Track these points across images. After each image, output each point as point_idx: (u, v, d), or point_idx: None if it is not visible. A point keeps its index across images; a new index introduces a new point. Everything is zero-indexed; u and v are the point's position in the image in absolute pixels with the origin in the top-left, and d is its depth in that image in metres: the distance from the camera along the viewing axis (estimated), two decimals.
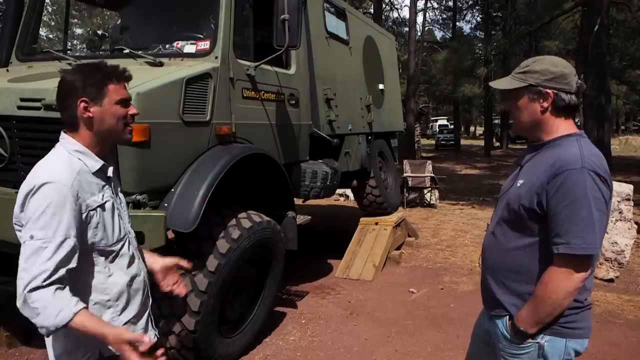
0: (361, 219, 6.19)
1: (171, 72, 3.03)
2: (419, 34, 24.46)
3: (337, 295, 4.81)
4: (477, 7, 28.69)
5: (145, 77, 2.88)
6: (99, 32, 4.28)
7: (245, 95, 3.57)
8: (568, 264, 1.48)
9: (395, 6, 31.63)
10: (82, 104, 1.52)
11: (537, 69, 1.61)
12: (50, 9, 22.07)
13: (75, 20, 22.83)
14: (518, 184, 1.63)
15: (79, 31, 23.33)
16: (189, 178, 3.01)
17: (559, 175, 1.48)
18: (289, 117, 4.17)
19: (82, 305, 1.39)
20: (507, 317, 1.65)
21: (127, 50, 3.38)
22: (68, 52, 4.17)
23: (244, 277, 3.45)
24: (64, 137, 1.57)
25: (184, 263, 1.89)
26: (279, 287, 3.97)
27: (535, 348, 1.59)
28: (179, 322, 2.95)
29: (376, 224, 5.99)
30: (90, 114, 1.53)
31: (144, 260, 1.76)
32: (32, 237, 1.38)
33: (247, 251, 3.24)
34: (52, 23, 23.32)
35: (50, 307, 1.34)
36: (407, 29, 22.29)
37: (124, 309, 1.60)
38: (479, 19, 29.39)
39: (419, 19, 25.66)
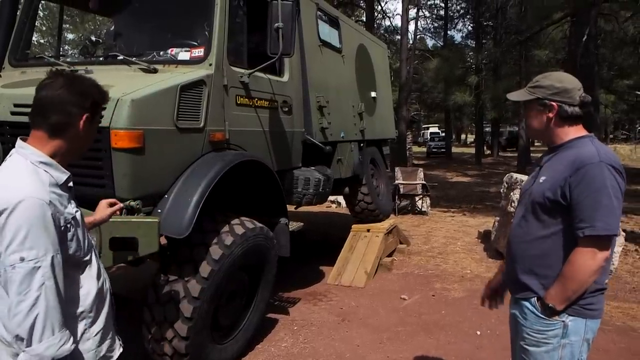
0: (353, 226, 6.22)
1: (165, 79, 3.05)
2: (411, 42, 24.63)
3: (329, 301, 4.82)
4: (468, 17, 28.96)
5: (139, 84, 2.89)
6: (93, 38, 4.27)
7: (238, 102, 3.59)
8: (592, 244, 1.67)
9: (388, 15, 31.88)
10: (87, 119, 1.50)
11: (544, 84, 1.84)
12: (42, 14, 21.96)
13: (68, 26, 22.73)
14: (541, 180, 1.83)
15: (71, 36, 23.25)
16: (182, 184, 3.02)
17: (580, 170, 1.68)
18: (282, 124, 4.19)
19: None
20: (536, 297, 1.82)
21: (121, 57, 3.40)
22: (61, 57, 4.16)
23: (237, 283, 3.45)
24: (23, 146, 1.48)
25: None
26: (272, 294, 3.98)
27: (561, 326, 1.77)
28: (172, 329, 2.94)
29: (368, 230, 6.01)
30: (83, 130, 1.51)
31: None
32: (22, 260, 1.32)
33: (239, 257, 3.24)
34: (44, 28, 23.20)
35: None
36: (399, 37, 22.42)
37: (95, 320, 1.58)
38: (470, 28, 29.66)
39: (411, 27, 25.84)
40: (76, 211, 1.53)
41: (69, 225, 1.46)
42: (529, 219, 1.86)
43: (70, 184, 1.56)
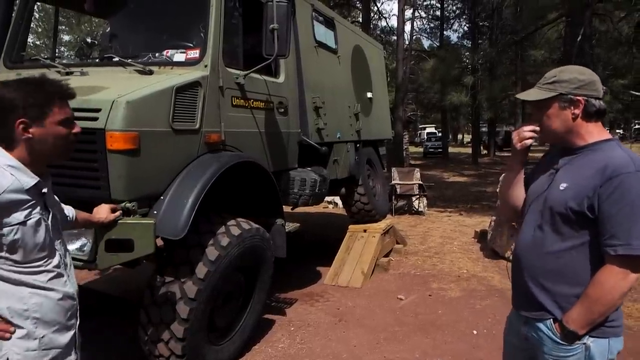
0: (350, 227, 6.22)
1: (161, 80, 3.05)
2: (407, 42, 24.64)
3: (325, 302, 4.82)
4: (464, 17, 29.02)
5: (135, 86, 2.90)
6: (89, 39, 4.27)
7: (234, 103, 3.60)
8: (626, 264, 1.50)
9: (384, 15, 31.94)
10: (21, 125, 1.48)
11: (565, 78, 1.64)
12: (38, 16, 21.92)
13: (64, 27, 22.68)
14: (561, 188, 1.63)
15: (67, 38, 23.21)
16: (178, 186, 3.02)
17: (613, 179, 1.49)
18: (278, 125, 4.19)
19: None
20: (551, 319, 1.65)
21: (116, 59, 3.40)
22: (56, 59, 4.16)
23: (233, 284, 3.46)
24: None
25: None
26: (268, 295, 3.98)
27: (582, 349, 1.60)
28: (168, 330, 2.94)
29: (365, 231, 6.02)
30: (30, 135, 1.50)
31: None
32: None
33: (236, 258, 3.25)
34: (40, 30, 23.16)
35: None
36: (395, 37, 22.44)
37: (42, 323, 1.56)
38: (466, 28, 29.71)
39: (407, 28, 25.81)
40: (31, 218, 1.51)
41: (7, 229, 1.46)
42: (544, 229, 1.66)
43: (44, 190, 1.57)
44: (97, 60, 3.89)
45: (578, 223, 1.57)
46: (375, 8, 24.69)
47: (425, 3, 30.24)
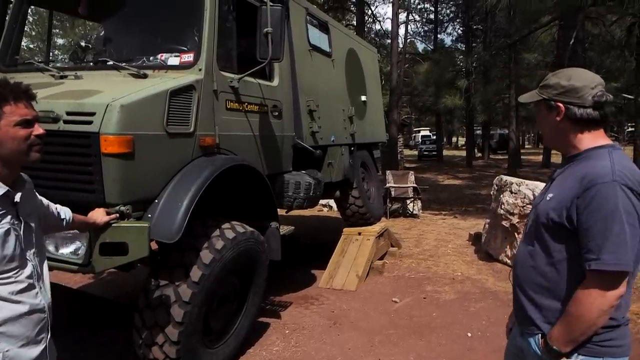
0: (344, 229, 6.23)
1: (155, 84, 3.06)
2: (401, 46, 24.73)
3: (320, 305, 4.83)
4: (457, 20, 29.18)
5: (129, 89, 2.90)
6: (83, 43, 4.27)
7: (228, 106, 3.61)
8: (601, 281, 1.42)
9: (378, 18, 32.06)
10: None
11: (551, 83, 1.60)
12: (32, 19, 21.84)
13: (58, 31, 22.60)
14: (547, 198, 1.59)
15: (61, 41, 23.12)
16: (172, 189, 3.02)
17: (589, 190, 1.43)
18: (272, 129, 4.21)
19: None
20: (540, 335, 1.59)
21: (111, 62, 3.40)
22: (50, 63, 4.15)
23: (228, 287, 3.46)
24: None
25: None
26: (263, 298, 3.98)
27: None
28: (162, 333, 2.94)
29: (359, 234, 6.03)
30: None
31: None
32: None
33: (230, 262, 3.25)
34: (34, 33, 23.07)
35: None
36: (389, 41, 22.51)
37: (6, 337, 1.51)
38: (459, 31, 29.87)
39: (401, 31, 25.95)
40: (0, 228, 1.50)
41: None
42: (533, 241, 1.63)
43: (17, 198, 1.55)
44: (91, 63, 3.89)
45: (560, 235, 1.53)
46: (370, 11, 24.81)
47: (419, 6, 30.45)
